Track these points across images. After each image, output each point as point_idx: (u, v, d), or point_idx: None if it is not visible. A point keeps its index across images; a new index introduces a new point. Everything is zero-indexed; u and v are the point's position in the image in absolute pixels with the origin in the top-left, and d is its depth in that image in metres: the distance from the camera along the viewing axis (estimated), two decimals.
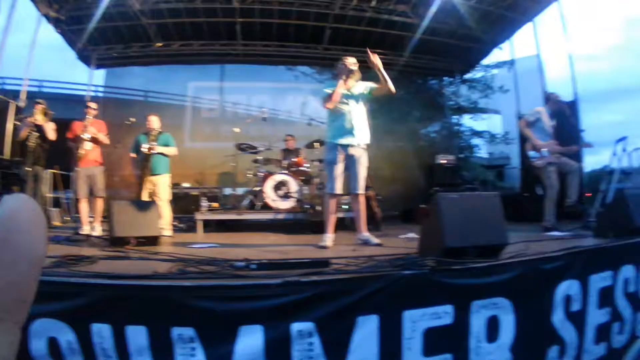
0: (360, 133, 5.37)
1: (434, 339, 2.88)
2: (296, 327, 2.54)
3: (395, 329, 2.79)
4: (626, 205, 4.78)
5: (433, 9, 9.69)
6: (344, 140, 5.32)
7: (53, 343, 2.38)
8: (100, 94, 11.52)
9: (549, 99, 6.98)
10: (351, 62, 5.35)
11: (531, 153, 6.66)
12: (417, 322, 2.85)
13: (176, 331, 2.42)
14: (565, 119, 6.96)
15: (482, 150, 23.27)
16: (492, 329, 3.13)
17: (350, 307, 2.68)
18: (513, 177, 16.72)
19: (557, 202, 6.45)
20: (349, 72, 5.30)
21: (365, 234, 5.36)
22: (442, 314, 2.95)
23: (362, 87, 5.47)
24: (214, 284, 2.62)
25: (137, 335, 2.40)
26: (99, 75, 11.64)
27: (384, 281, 2.80)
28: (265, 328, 2.49)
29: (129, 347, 2.40)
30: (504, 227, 3.66)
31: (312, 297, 2.60)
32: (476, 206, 3.62)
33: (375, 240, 5.17)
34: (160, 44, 10.92)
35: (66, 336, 2.39)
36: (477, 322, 3.07)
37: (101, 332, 2.40)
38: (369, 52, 5.14)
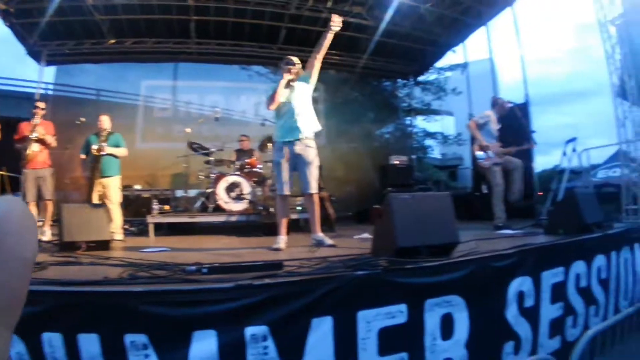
0: (306, 130, 5.23)
1: (389, 339, 2.90)
2: (250, 331, 2.50)
3: (350, 329, 2.79)
4: (576, 203, 4.97)
5: (388, 11, 9.73)
6: (289, 139, 5.21)
7: None
8: (50, 92, 11.01)
9: (496, 103, 7.17)
10: (293, 60, 5.31)
11: (478, 154, 6.85)
12: (371, 322, 2.86)
13: (129, 338, 2.34)
14: (515, 120, 7.12)
15: (435, 151, 23.68)
16: (447, 327, 3.17)
17: (304, 309, 2.66)
18: (466, 177, 17.05)
19: (505, 200, 6.61)
20: (289, 70, 5.23)
21: (319, 235, 5.28)
22: (396, 313, 2.96)
23: (302, 81, 5.36)
24: (165, 289, 2.55)
25: (90, 344, 2.32)
26: (49, 72, 11.14)
27: (337, 282, 2.79)
28: (219, 333, 2.45)
29: (81, 356, 2.31)
30: (455, 227, 3.71)
31: (265, 301, 2.57)
32: (428, 206, 3.66)
33: (329, 241, 5.12)
34: (113, 41, 10.57)
35: (15, 347, 2.27)
36: (432, 320, 3.10)
37: (52, 341, 2.31)
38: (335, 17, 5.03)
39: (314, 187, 5.31)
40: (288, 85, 5.24)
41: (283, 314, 2.59)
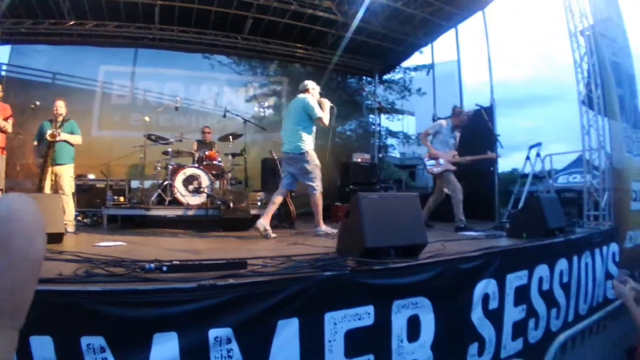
0: None
1: (355, 340, 2.87)
2: (213, 333, 2.40)
3: (316, 331, 2.75)
4: (541, 208, 5.04)
5: (358, 7, 9.67)
6: None
7: None
8: (2, 73, 10.36)
9: (454, 113, 7.49)
10: None
11: (427, 162, 7.28)
12: (338, 323, 2.82)
13: (85, 341, 2.18)
14: (483, 124, 7.21)
15: (395, 151, 23.85)
16: (413, 329, 3.17)
17: (270, 311, 2.59)
18: (424, 177, 17.16)
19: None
20: None
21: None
22: (364, 315, 2.94)
23: None
24: (124, 289, 2.39)
25: (42, 346, 2.14)
26: (2, 52, 10.44)
27: (304, 283, 2.73)
28: (181, 335, 2.33)
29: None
30: (423, 228, 3.71)
31: (229, 302, 2.47)
32: (396, 207, 3.63)
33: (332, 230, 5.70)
34: (72, 22, 10.10)
35: None
36: (398, 322, 3.09)
37: None
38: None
39: None
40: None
41: (248, 315, 2.50)
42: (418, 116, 24.34)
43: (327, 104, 6.08)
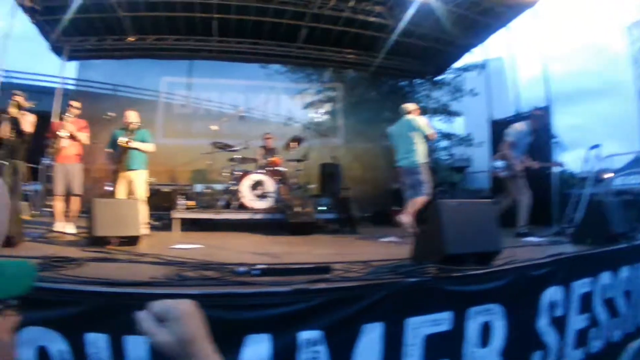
0: None
1: (432, 345, 2.92)
2: (304, 335, 2.51)
3: (397, 336, 2.81)
4: (605, 213, 4.96)
5: (409, 11, 9.71)
6: None
7: (43, 352, 2.25)
8: (71, 87, 11.10)
9: (533, 116, 7.20)
10: None
11: (497, 163, 7.02)
12: (418, 328, 2.88)
13: None
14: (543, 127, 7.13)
15: (445, 152, 23.53)
16: (485, 335, 3.19)
17: (356, 315, 2.68)
18: (477, 180, 16.85)
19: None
20: None
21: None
22: (442, 321, 2.99)
23: None
24: (222, 292, 2.53)
25: (137, 346, 2.26)
26: (69, 68, 11.18)
27: (389, 289, 2.81)
28: (273, 337, 2.44)
29: (127, 359, 2.29)
30: (499, 235, 3.75)
31: (320, 305, 2.58)
32: (473, 213, 3.70)
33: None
34: (133, 38, 10.65)
35: (57, 345, 2.27)
36: (472, 328, 3.13)
37: (97, 342, 2.28)
38: None
39: None
40: None
41: (337, 319, 2.60)
42: (468, 116, 23.98)
43: (425, 120, 6.76)
